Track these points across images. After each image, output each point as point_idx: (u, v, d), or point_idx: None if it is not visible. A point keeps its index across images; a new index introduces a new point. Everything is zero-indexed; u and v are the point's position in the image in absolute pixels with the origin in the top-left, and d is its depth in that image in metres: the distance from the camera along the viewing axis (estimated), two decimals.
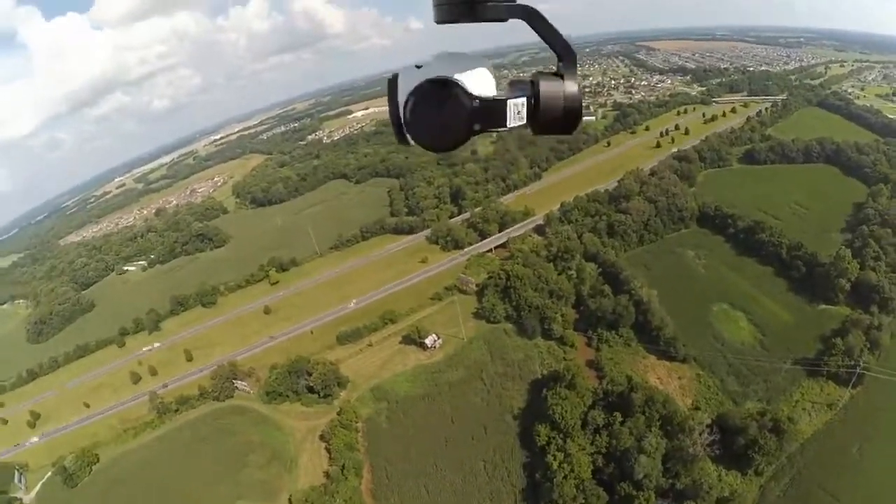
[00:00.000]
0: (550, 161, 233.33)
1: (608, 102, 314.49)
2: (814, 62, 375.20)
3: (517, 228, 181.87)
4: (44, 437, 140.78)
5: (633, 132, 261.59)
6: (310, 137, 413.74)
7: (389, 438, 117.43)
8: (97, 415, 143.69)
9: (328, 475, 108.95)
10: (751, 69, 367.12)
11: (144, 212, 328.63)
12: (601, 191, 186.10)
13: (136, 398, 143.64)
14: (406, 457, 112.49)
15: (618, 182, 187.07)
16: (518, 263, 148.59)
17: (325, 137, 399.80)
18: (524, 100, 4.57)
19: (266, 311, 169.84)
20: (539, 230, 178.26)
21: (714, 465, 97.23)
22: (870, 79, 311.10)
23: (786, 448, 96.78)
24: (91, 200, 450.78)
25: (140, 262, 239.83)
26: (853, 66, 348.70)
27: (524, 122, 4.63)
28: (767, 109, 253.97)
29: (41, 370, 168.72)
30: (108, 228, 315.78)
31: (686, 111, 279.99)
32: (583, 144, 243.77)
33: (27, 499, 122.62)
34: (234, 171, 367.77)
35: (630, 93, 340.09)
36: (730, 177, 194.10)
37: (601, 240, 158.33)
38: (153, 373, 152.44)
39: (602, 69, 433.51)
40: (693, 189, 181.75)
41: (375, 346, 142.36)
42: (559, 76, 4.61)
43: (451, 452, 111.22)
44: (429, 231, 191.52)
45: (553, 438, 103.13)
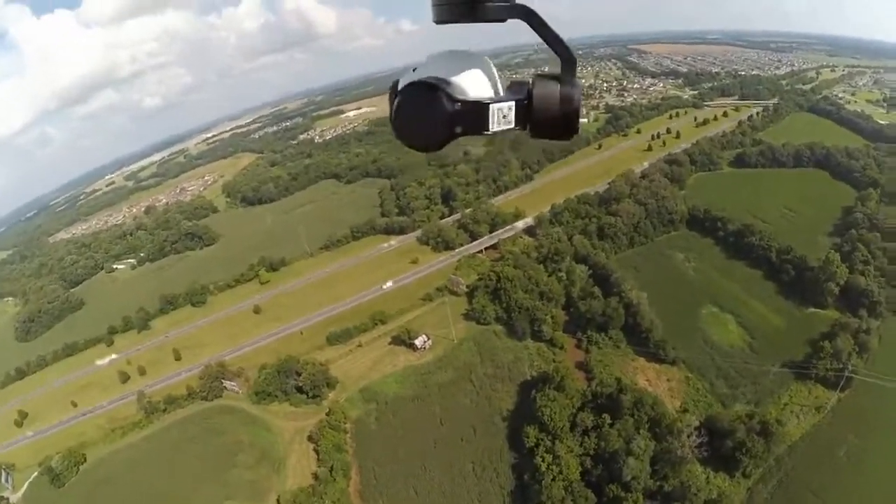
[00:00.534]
0: (542, 163, 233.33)
1: (600, 105, 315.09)
2: (805, 67, 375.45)
3: (508, 230, 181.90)
4: (32, 437, 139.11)
5: (625, 135, 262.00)
6: (301, 137, 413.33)
7: (378, 440, 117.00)
8: (84, 414, 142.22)
9: (316, 476, 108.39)
10: (742, 73, 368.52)
11: (134, 210, 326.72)
12: (592, 193, 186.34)
13: (125, 398, 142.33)
14: (395, 458, 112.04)
15: (608, 184, 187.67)
16: (508, 265, 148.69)
17: (317, 137, 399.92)
18: (511, 104, 4.45)
19: (256, 311, 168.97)
20: (530, 232, 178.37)
21: (702, 468, 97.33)
22: (861, 84, 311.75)
23: (774, 450, 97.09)
24: (81, 198, 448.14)
25: (129, 261, 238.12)
26: (844, 71, 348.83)
27: (512, 126, 4.51)
28: (759, 114, 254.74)
29: (29, 369, 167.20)
30: (98, 226, 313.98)
31: (678, 114, 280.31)
32: (574, 147, 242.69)
33: (14, 498, 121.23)
34: (225, 170, 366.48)
35: (622, 95, 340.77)
36: (720, 180, 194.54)
37: (591, 242, 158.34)
38: (142, 372, 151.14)
39: (594, 72, 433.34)
40: (683, 192, 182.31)
41: (365, 347, 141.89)
42: (557, 79, 4.49)
43: (440, 454, 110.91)
44: (419, 232, 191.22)
45: (542, 440, 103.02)
